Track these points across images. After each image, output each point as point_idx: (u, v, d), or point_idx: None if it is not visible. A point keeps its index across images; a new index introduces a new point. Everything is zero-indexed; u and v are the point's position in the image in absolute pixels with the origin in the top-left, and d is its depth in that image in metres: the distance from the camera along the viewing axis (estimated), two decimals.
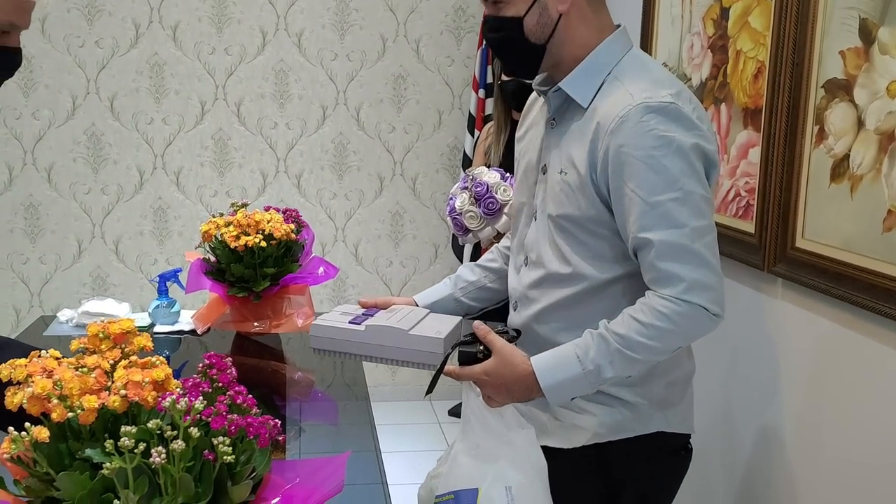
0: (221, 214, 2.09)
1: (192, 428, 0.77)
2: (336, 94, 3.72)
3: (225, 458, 0.77)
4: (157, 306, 2.17)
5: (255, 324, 2.08)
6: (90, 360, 0.82)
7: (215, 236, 2.02)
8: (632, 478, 1.42)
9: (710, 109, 2.32)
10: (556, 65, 1.35)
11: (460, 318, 1.48)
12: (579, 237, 1.33)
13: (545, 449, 1.36)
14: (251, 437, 0.81)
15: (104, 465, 0.72)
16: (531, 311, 1.40)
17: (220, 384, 0.87)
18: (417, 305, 1.55)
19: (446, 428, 3.68)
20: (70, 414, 0.77)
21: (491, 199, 2.35)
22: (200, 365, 0.90)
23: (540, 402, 1.35)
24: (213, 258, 2.06)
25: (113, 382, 0.80)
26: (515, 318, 1.44)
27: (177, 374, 2.06)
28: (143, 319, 2.21)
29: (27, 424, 0.75)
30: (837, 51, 1.73)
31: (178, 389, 0.84)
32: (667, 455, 1.46)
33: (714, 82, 2.30)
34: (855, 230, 1.67)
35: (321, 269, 2.10)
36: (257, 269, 2.00)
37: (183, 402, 0.77)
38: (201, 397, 0.79)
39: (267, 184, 3.75)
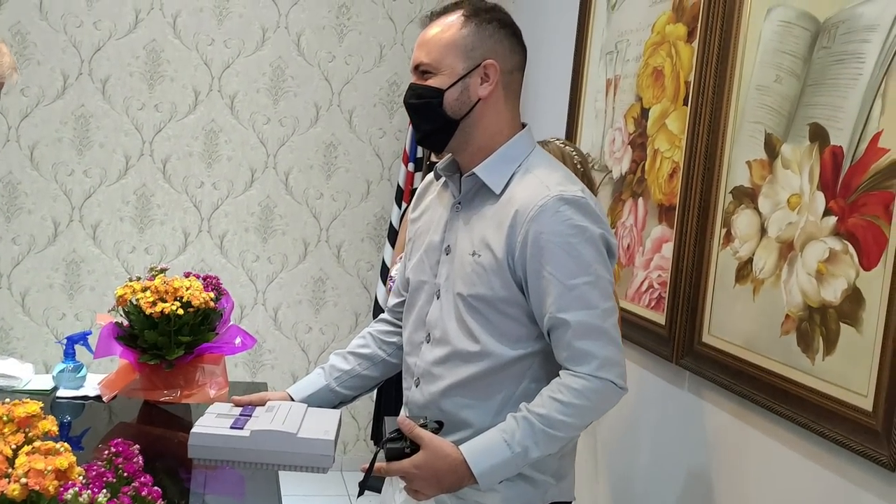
0: (139, 278, 2.05)
1: None
2: (266, 157, 3.72)
3: None
4: (63, 370, 2.09)
5: (166, 392, 2.03)
6: None
7: (130, 301, 1.98)
8: None
9: (629, 202, 2.42)
10: (463, 147, 1.44)
11: (339, 412, 1.50)
12: (489, 316, 1.39)
13: None
14: None
15: None
16: (436, 387, 1.44)
17: (126, 474, 0.85)
18: (292, 399, 1.56)
19: (357, 502, 3.61)
20: None
21: None
22: (106, 452, 0.88)
23: None
24: (125, 323, 2.01)
25: (14, 469, 0.78)
26: (417, 395, 1.47)
27: (78, 441, 1.99)
28: (46, 382, 2.13)
29: None
30: (745, 160, 1.84)
31: (80, 478, 0.82)
32: None
33: (633, 177, 2.41)
34: (756, 330, 1.76)
35: (238, 340, 2.08)
36: (172, 337, 1.96)
37: (86, 495, 0.75)
38: (105, 489, 0.78)
39: (188, 243, 3.69)
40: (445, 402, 1.42)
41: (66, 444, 0.85)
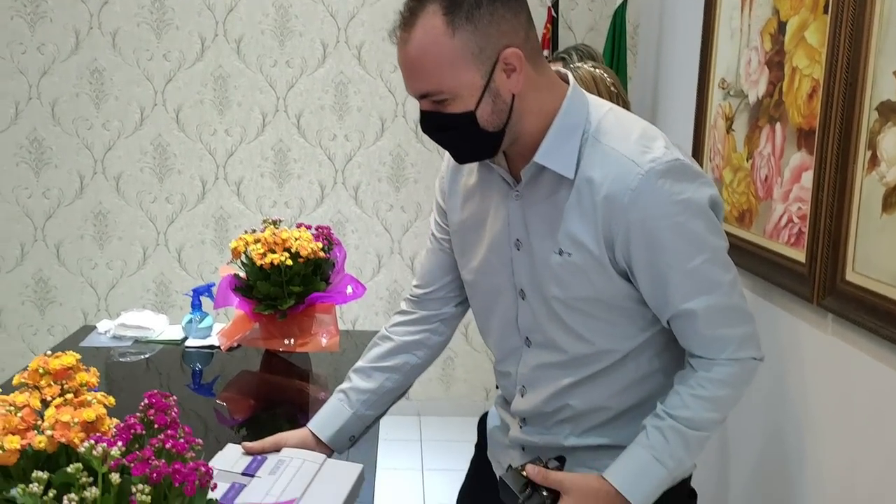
0: (254, 231, 2.09)
1: (112, 474, 0.75)
2: (395, 106, 3.71)
3: None
4: (190, 320, 2.19)
5: (286, 341, 2.07)
6: (19, 399, 0.80)
7: (244, 253, 2.02)
8: None
9: (766, 129, 2.19)
10: (512, 142, 1.20)
11: (357, 472, 1.29)
12: (597, 315, 1.23)
13: None
14: (177, 484, 0.78)
15: None
16: (545, 392, 1.31)
17: (157, 426, 0.84)
18: (316, 436, 1.40)
19: None
20: None
21: None
22: (142, 404, 0.87)
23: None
24: (242, 274, 2.06)
25: (43, 421, 0.79)
26: (523, 404, 1.34)
27: (209, 388, 2.08)
28: (177, 332, 2.24)
29: None
30: (892, 71, 1.60)
31: (112, 430, 0.82)
32: (685, 499, 1.39)
33: (770, 100, 2.17)
34: None
35: (349, 289, 2.08)
36: (284, 287, 1.99)
37: (100, 448, 0.75)
38: (119, 443, 0.77)
39: (325, 195, 3.77)
40: (549, 406, 1.31)
41: (101, 395, 0.85)
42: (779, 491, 2.08)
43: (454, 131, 1.16)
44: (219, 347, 2.17)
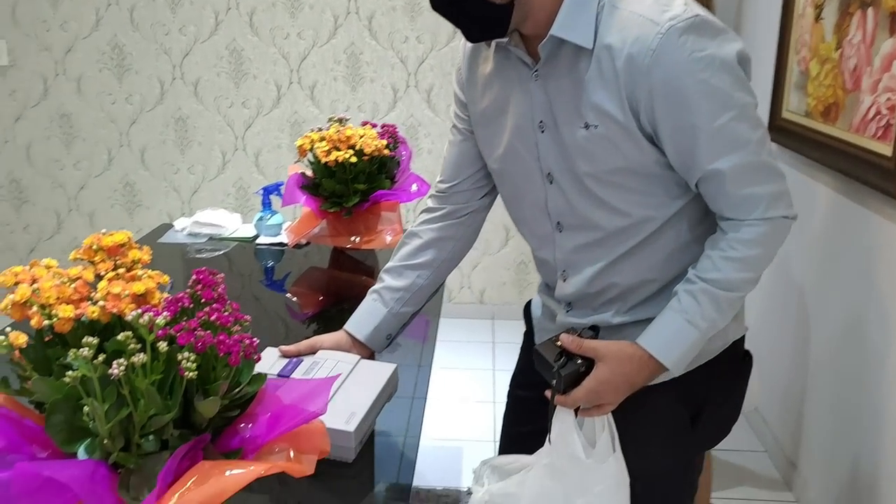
0: (320, 129, 2.10)
1: (160, 342, 0.78)
2: None
3: (189, 374, 0.78)
4: (261, 218, 2.24)
5: (352, 238, 2.10)
6: (73, 272, 0.84)
7: (310, 151, 2.04)
8: (711, 396, 1.33)
9: (857, 15, 2.04)
10: (524, 17, 1.17)
11: (389, 371, 1.27)
12: (630, 185, 1.21)
13: None
14: (222, 354, 0.81)
15: (66, 374, 0.75)
16: (587, 273, 1.29)
17: (204, 300, 0.87)
18: (353, 336, 1.40)
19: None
20: (46, 322, 0.80)
21: None
22: (190, 280, 0.90)
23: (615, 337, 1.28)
24: (309, 173, 2.09)
25: (96, 293, 0.82)
26: (567, 288, 1.33)
27: (280, 284, 2.13)
28: (249, 231, 2.29)
29: (7, 330, 0.79)
30: None
31: (161, 303, 0.85)
32: (738, 361, 1.37)
33: None
34: None
35: (414, 186, 2.08)
36: (349, 185, 2.01)
37: (147, 317, 0.78)
38: (165, 313, 0.80)
39: (397, 99, 3.75)
40: (593, 286, 1.29)
41: (155, 272, 0.88)
42: (855, 382, 2.04)
43: (464, 3, 1.14)
44: (287, 244, 2.22)
